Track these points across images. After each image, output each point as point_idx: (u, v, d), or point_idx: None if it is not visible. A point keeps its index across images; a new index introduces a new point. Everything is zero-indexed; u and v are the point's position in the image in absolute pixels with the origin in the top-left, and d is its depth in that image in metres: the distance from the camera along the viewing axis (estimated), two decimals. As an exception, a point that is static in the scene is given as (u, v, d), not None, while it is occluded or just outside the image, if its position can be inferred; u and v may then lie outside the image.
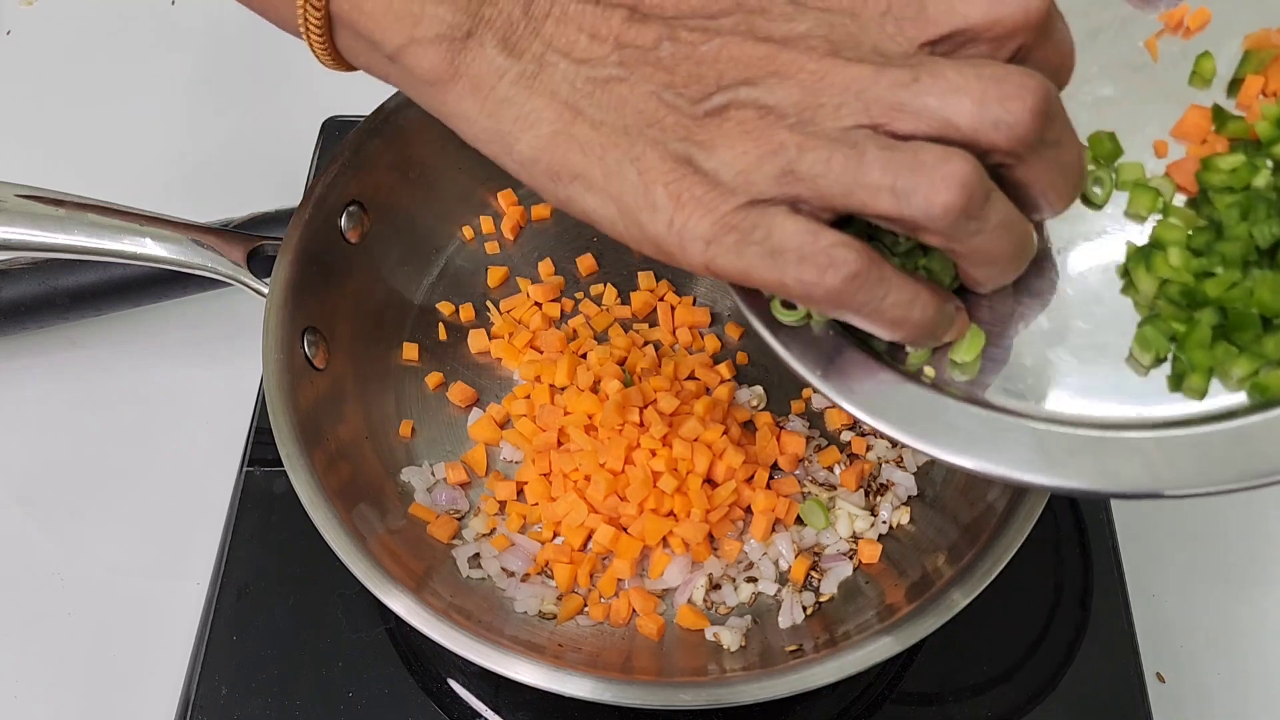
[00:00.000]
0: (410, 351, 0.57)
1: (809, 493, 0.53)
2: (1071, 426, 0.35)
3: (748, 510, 0.52)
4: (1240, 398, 0.35)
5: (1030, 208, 0.34)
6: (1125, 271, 0.38)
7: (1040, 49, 0.33)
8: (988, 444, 0.35)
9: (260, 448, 0.57)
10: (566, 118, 0.34)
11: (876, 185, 0.31)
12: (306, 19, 0.37)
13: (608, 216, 0.34)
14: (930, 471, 0.54)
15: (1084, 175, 0.35)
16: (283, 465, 0.46)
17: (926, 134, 0.32)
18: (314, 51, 0.39)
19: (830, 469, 0.54)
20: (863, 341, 0.38)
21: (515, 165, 0.36)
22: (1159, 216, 0.38)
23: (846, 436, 0.55)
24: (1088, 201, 0.39)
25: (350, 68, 0.40)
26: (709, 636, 0.49)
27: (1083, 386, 0.36)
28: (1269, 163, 0.37)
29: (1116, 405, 0.36)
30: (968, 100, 0.31)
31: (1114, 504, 0.56)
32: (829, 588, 0.51)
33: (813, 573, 0.52)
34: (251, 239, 0.51)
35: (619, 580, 0.51)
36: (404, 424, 0.55)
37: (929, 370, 0.37)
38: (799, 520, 0.52)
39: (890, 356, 0.38)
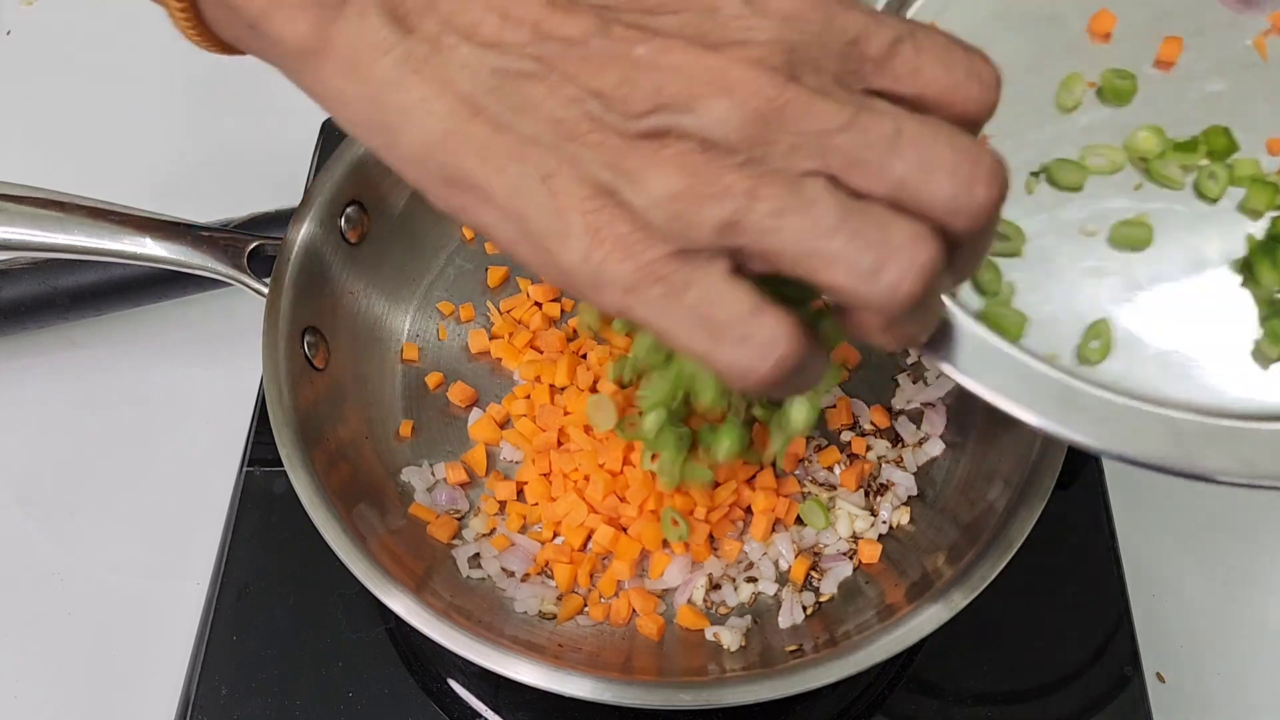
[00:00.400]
0: (410, 351, 0.57)
1: (809, 493, 0.53)
2: (1207, 416, 0.35)
3: (748, 510, 0.52)
4: None
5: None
6: (1245, 265, 0.37)
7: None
8: (1125, 431, 0.35)
9: (260, 448, 0.57)
10: (462, 114, 0.28)
11: (835, 256, 0.27)
12: None
13: (507, 236, 0.30)
14: (930, 471, 0.54)
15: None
16: (283, 465, 0.45)
17: (882, 197, 0.28)
18: (176, 23, 0.35)
19: (830, 469, 0.54)
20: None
21: (401, 162, 0.30)
22: (1276, 213, 0.38)
23: (846, 436, 0.55)
24: (1201, 196, 0.39)
25: (224, 46, 0.35)
26: (709, 636, 0.49)
27: (1210, 378, 0.36)
28: None
29: (1245, 396, 0.36)
30: (944, 178, 0.28)
31: (1114, 504, 0.56)
32: (829, 588, 0.51)
33: (813, 573, 0.52)
34: (251, 239, 0.51)
35: (619, 580, 0.51)
36: (404, 424, 0.55)
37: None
38: (799, 520, 0.52)
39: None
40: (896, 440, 0.55)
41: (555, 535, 0.52)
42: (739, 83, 0.27)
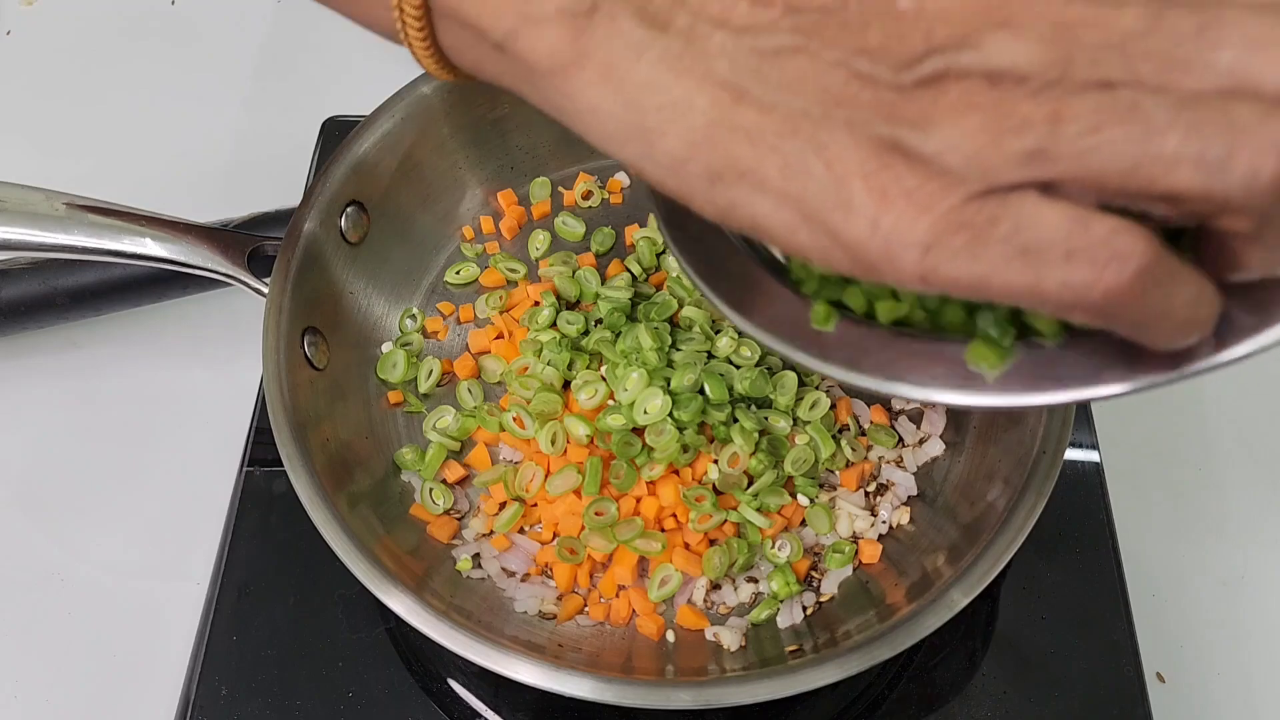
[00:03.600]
0: (410, 352, 0.57)
1: (812, 497, 0.53)
2: None
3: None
4: None
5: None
6: None
7: None
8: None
9: (260, 448, 0.57)
10: (726, 102, 0.27)
11: (1175, 155, 0.24)
12: (403, 16, 0.32)
13: (784, 224, 0.27)
14: (930, 471, 0.54)
15: None
16: (283, 465, 0.45)
17: (1213, 95, 0.24)
18: (416, 54, 0.34)
19: (830, 469, 0.54)
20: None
21: (661, 169, 0.29)
22: None
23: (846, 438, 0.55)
24: None
25: (459, 73, 0.34)
26: (709, 636, 0.49)
27: None
28: None
29: None
30: (1277, 54, 0.24)
31: (1114, 504, 0.56)
32: (829, 588, 0.51)
33: (813, 573, 0.52)
34: (251, 239, 0.51)
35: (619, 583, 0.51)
36: (404, 424, 0.55)
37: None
38: (800, 521, 0.53)
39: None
40: (896, 440, 0.55)
41: (555, 536, 0.52)
42: (1018, 10, 0.25)
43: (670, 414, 0.51)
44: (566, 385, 0.55)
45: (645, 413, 0.51)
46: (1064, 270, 0.25)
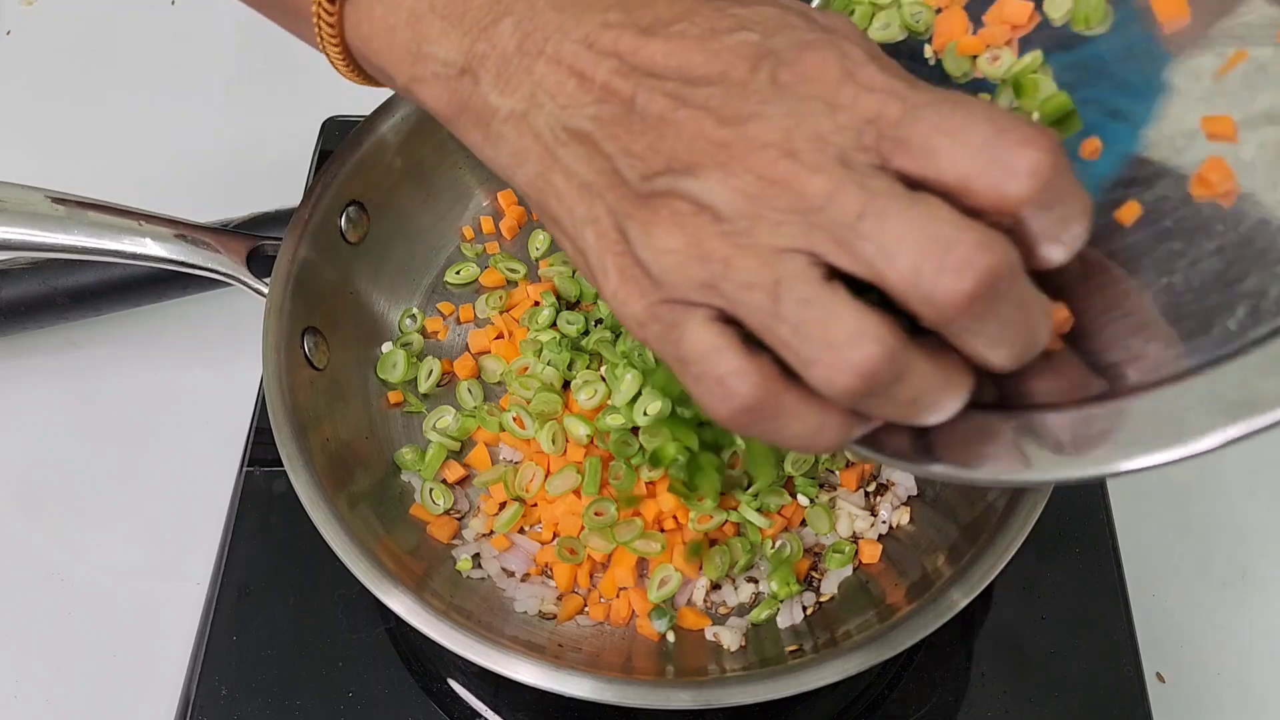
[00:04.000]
0: (411, 352, 0.57)
1: (812, 497, 0.53)
2: None
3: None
4: None
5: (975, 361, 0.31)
6: None
7: (1036, 221, 0.29)
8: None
9: (260, 448, 0.57)
10: (547, 162, 0.33)
11: (784, 341, 0.29)
12: (326, 50, 0.39)
13: (578, 264, 0.34)
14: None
15: (1034, 344, 0.31)
16: (283, 465, 0.45)
17: (862, 276, 0.29)
18: (341, 73, 0.41)
19: (830, 469, 0.54)
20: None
21: (519, 194, 0.37)
22: None
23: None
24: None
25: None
26: (709, 636, 0.49)
27: None
28: None
29: None
30: (903, 260, 0.28)
31: (1114, 504, 0.56)
32: (829, 588, 0.51)
33: (813, 573, 0.52)
34: (251, 239, 0.51)
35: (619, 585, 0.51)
36: (404, 424, 0.55)
37: None
38: (800, 521, 0.53)
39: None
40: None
41: (554, 536, 0.52)
42: (737, 159, 0.30)
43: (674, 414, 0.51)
44: (566, 385, 0.55)
45: (645, 414, 0.51)
46: (696, 386, 0.31)
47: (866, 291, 0.29)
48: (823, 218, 0.29)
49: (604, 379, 0.54)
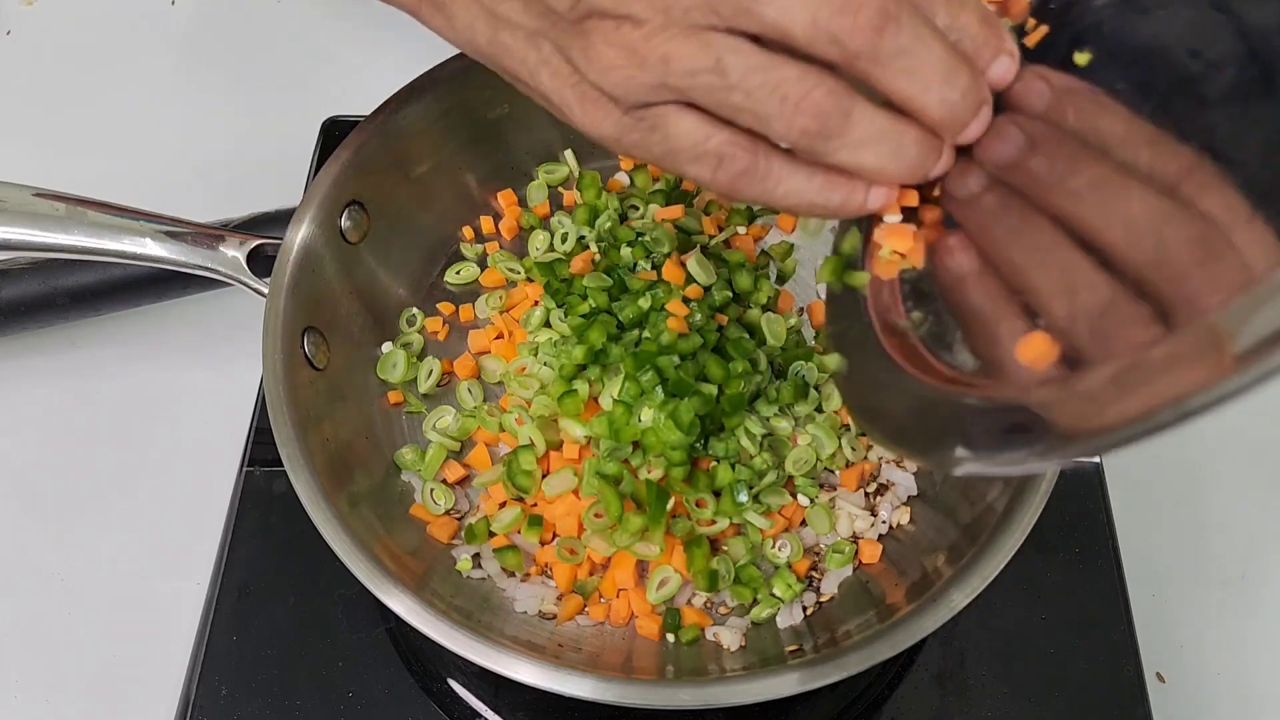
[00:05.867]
0: (411, 352, 0.57)
1: (812, 497, 0.53)
2: None
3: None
4: None
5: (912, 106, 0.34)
6: None
7: None
8: None
9: (260, 448, 0.57)
10: (494, 24, 0.37)
11: (738, 107, 0.33)
12: None
13: (548, 108, 0.37)
14: (931, 471, 0.54)
15: (951, 72, 0.33)
16: (283, 465, 0.45)
17: (775, 41, 0.32)
18: None
19: (830, 469, 0.54)
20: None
21: (485, 63, 0.39)
22: None
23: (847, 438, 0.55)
24: None
25: None
26: (709, 636, 0.49)
27: None
28: None
29: None
30: (800, 12, 0.31)
31: (1114, 504, 0.56)
32: (829, 588, 0.51)
33: (813, 572, 0.52)
34: (251, 239, 0.51)
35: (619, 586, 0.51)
36: (404, 424, 0.55)
37: None
38: (800, 521, 0.53)
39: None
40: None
41: (554, 536, 0.52)
42: None
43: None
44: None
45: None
46: (693, 167, 0.35)
47: None
48: None
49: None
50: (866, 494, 0.53)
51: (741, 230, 0.60)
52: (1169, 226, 0.31)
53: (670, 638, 0.49)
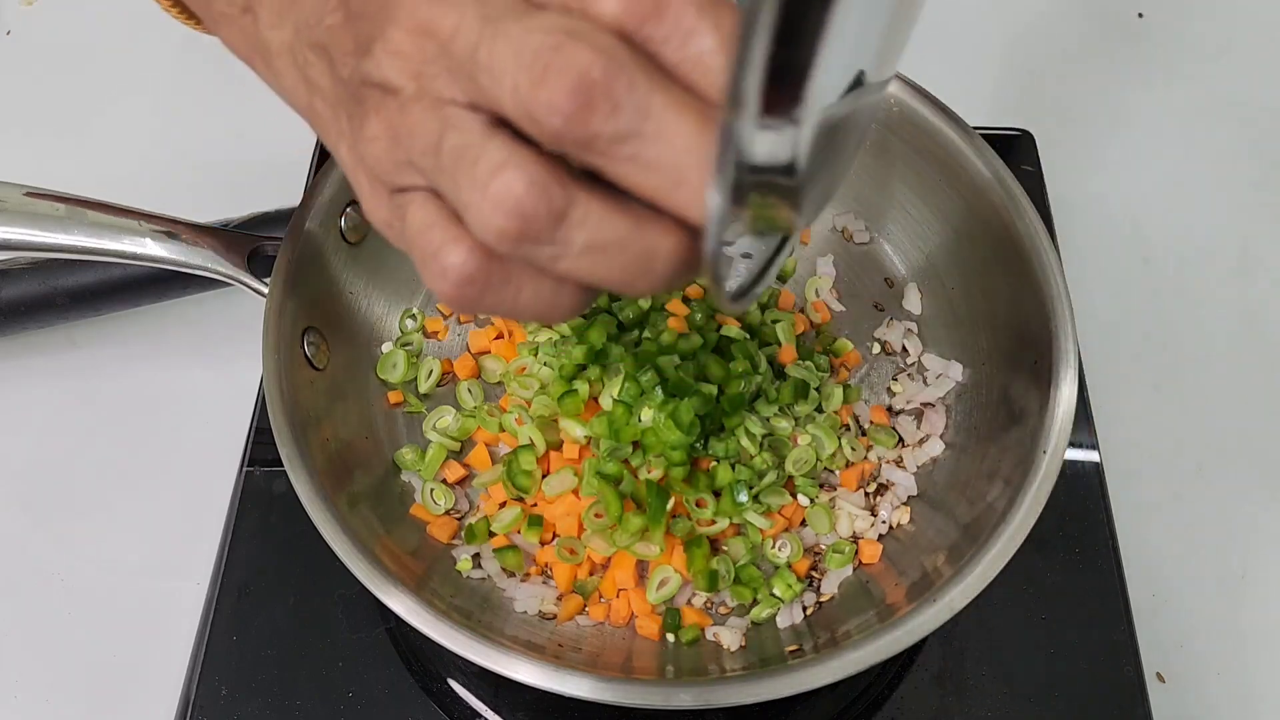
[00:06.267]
0: (410, 352, 0.57)
1: (813, 497, 0.53)
2: None
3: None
4: None
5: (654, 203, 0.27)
6: None
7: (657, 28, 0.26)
8: None
9: (260, 448, 0.57)
10: (309, 89, 0.33)
11: (447, 192, 0.28)
12: None
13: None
14: (930, 471, 0.54)
15: (691, 172, 0.26)
16: (283, 465, 0.45)
17: (489, 109, 0.27)
18: (165, 9, 0.42)
19: (830, 469, 0.54)
20: None
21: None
22: None
23: (846, 438, 0.55)
24: None
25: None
26: (709, 636, 0.49)
27: None
28: None
29: None
30: (506, 81, 0.26)
31: (1114, 504, 0.56)
32: (829, 588, 0.51)
33: (813, 572, 0.52)
34: (251, 239, 0.51)
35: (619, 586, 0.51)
36: (404, 424, 0.55)
37: None
38: (800, 521, 0.53)
39: None
40: (897, 440, 0.55)
41: (554, 536, 0.52)
42: (390, 19, 0.28)
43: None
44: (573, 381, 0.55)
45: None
46: (423, 269, 0.30)
47: None
48: (452, 59, 0.27)
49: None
50: (866, 494, 0.53)
51: None
52: None
53: (670, 638, 0.49)
